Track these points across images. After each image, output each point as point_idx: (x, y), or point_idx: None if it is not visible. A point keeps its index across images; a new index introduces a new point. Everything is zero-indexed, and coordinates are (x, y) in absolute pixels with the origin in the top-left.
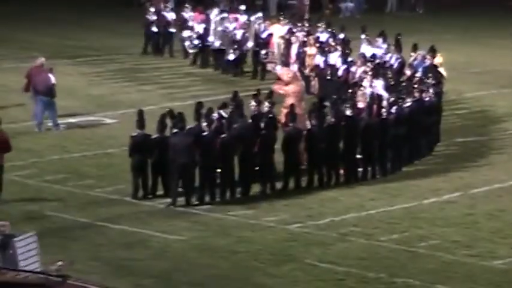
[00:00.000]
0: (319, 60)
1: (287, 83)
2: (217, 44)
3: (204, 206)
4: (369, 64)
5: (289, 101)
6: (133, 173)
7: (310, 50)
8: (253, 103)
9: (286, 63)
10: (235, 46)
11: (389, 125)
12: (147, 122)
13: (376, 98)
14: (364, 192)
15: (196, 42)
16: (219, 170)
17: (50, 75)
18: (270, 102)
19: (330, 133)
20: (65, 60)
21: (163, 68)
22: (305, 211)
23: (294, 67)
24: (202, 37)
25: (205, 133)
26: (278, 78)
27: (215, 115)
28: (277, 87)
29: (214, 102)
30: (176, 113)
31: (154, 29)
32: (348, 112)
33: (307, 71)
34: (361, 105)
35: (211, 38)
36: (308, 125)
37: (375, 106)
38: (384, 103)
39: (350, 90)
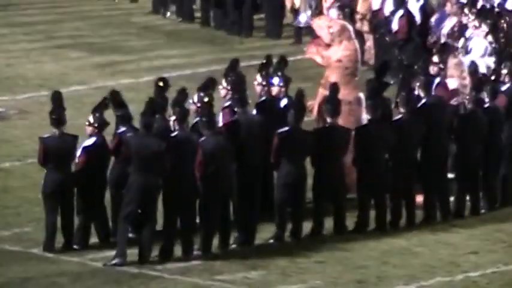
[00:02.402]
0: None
1: (328, 44)
2: None
3: (172, 264)
4: (466, 11)
5: (332, 76)
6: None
7: None
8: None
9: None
10: None
11: (501, 120)
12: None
13: (476, 71)
14: (461, 238)
15: None
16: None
17: None
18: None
19: (395, 135)
20: None
21: None
22: (353, 273)
23: (332, 16)
24: None
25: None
26: (315, 35)
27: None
28: (313, 51)
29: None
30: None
31: None
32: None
33: (358, 24)
34: (453, 83)
35: None
36: (364, 119)
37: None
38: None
39: (436, 56)
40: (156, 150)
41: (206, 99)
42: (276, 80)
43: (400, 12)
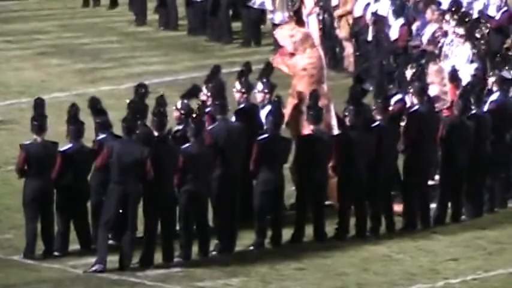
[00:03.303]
0: (359, 7)
1: (292, 53)
2: None
3: (152, 271)
4: (447, 18)
5: (299, 84)
6: None
7: None
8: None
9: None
10: None
11: (486, 130)
12: None
13: (456, 78)
14: (441, 245)
15: None
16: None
17: None
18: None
19: (376, 142)
20: None
21: None
22: (334, 280)
23: (312, 22)
24: None
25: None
26: (279, 45)
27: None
28: (278, 62)
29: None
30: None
31: None
32: (414, 103)
33: (339, 32)
34: (434, 90)
35: None
36: (335, 126)
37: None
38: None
39: (413, 64)
40: (138, 156)
41: (198, 107)
42: (260, 86)
43: (401, 20)
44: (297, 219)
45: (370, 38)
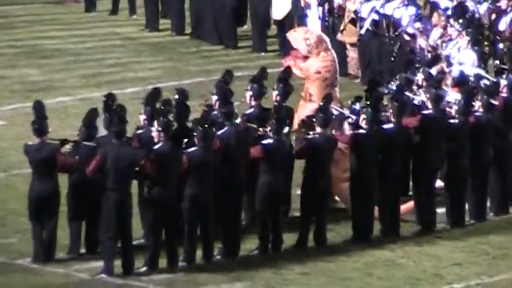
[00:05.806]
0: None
1: (306, 56)
2: None
3: (157, 276)
4: (451, 22)
5: (311, 88)
6: None
7: None
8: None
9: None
10: None
11: (490, 130)
12: None
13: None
14: (445, 250)
15: None
16: None
17: None
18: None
19: (388, 145)
20: None
21: None
22: (338, 285)
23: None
24: None
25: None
26: (291, 47)
27: None
28: (291, 64)
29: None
30: None
31: None
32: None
33: (340, 35)
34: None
35: None
36: (347, 130)
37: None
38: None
39: (425, 68)
40: (132, 159)
41: (204, 111)
42: (278, 90)
43: (418, 24)
44: (301, 222)
45: (363, 31)
